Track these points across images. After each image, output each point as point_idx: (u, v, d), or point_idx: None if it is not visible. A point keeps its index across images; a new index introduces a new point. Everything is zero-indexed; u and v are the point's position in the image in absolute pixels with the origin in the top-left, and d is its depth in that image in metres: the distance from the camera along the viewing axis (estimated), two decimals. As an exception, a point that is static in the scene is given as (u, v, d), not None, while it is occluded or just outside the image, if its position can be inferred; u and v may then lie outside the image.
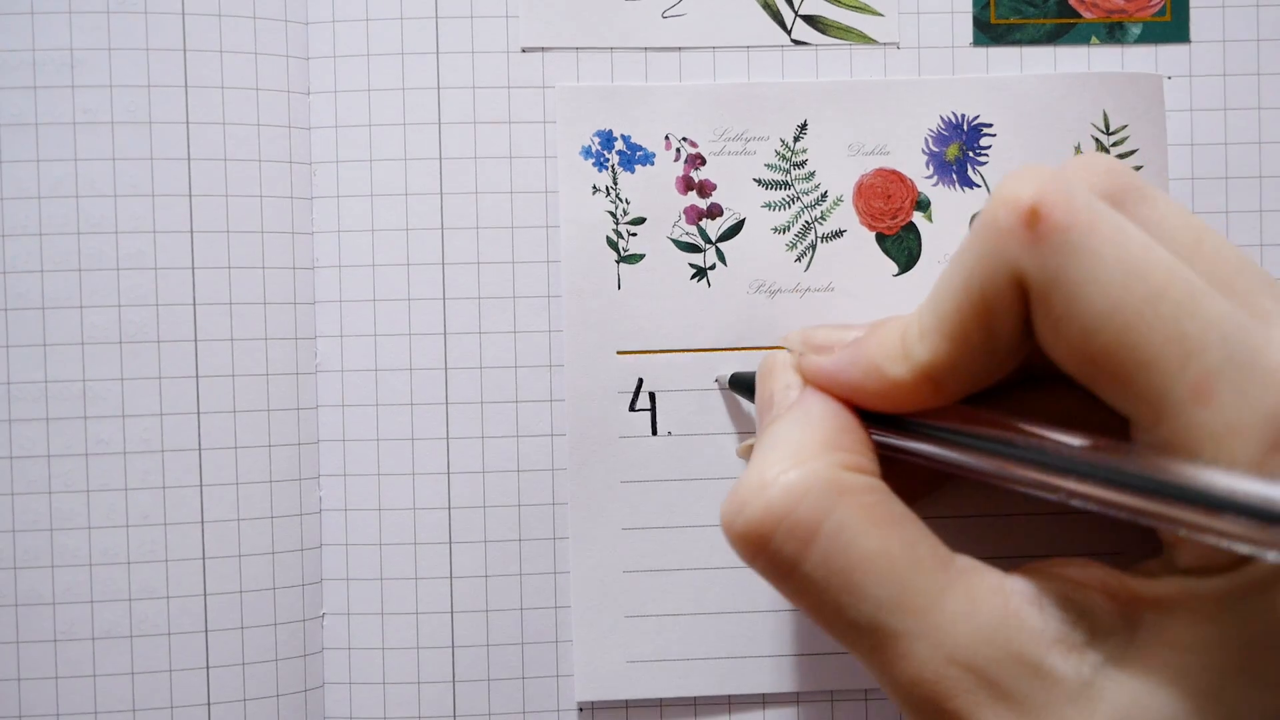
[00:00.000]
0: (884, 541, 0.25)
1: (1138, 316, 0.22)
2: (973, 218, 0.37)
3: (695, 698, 0.37)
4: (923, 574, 0.24)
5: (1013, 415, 0.25)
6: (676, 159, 0.37)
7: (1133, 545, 0.28)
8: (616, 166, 0.36)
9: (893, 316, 0.27)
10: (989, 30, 0.37)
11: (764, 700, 0.37)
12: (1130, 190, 0.25)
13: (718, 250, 0.37)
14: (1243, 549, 0.21)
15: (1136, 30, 0.38)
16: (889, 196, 0.37)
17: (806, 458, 0.25)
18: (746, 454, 0.35)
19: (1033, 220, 0.23)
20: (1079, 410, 0.27)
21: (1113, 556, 0.26)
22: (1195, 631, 0.23)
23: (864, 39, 0.37)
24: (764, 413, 0.30)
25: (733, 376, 0.36)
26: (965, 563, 0.25)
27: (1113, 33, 0.38)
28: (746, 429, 0.36)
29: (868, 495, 0.25)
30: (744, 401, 0.36)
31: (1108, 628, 0.24)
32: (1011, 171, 0.24)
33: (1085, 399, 0.25)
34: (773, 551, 0.25)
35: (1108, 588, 0.24)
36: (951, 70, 0.37)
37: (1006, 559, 0.26)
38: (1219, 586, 0.23)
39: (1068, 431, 0.24)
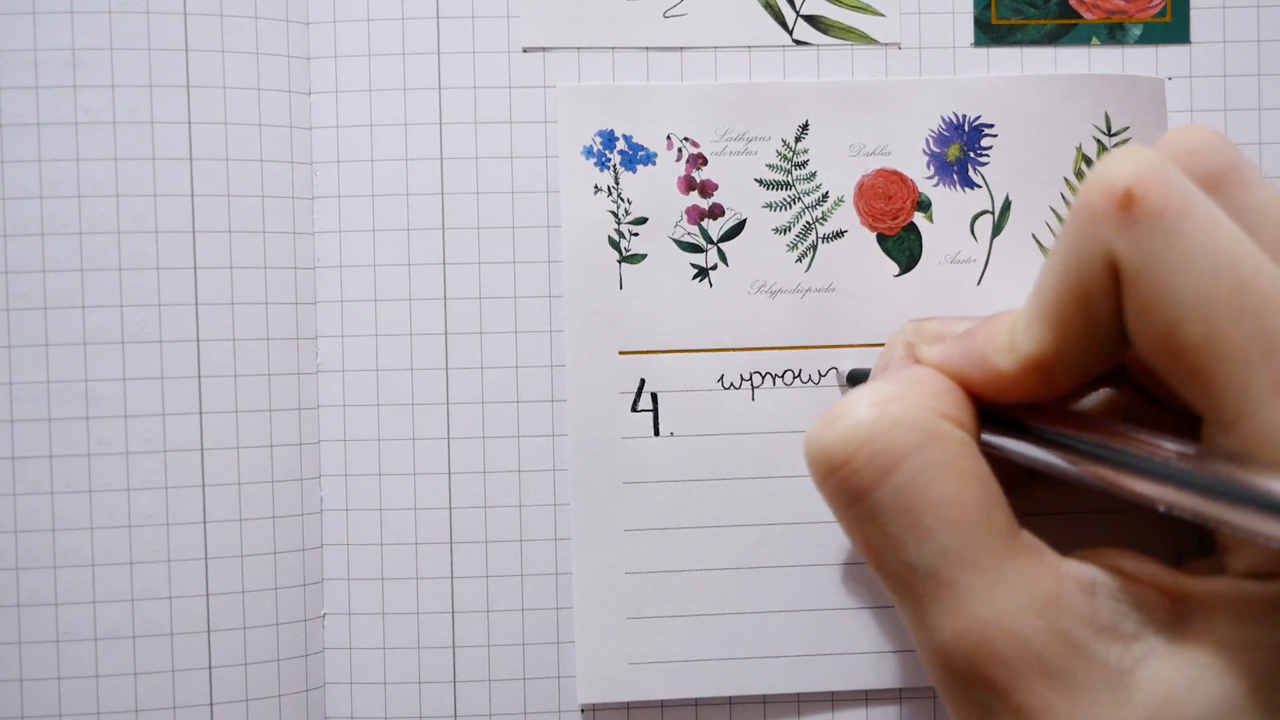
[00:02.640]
0: (962, 491, 0.25)
1: (1223, 308, 0.22)
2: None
3: (696, 699, 0.37)
4: (992, 534, 0.24)
5: (1117, 421, 0.25)
6: (678, 159, 0.37)
7: (1186, 544, 0.28)
8: (618, 166, 0.36)
9: (1006, 310, 0.27)
10: (990, 31, 0.38)
11: (764, 701, 0.37)
12: (1229, 172, 0.25)
13: (719, 250, 0.37)
14: None
15: (1137, 31, 0.38)
16: (890, 197, 0.37)
17: (907, 396, 0.26)
18: None
19: (1127, 203, 0.23)
20: (1139, 410, 0.27)
21: (1162, 551, 0.26)
22: (1242, 632, 0.23)
23: (865, 39, 0.37)
24: (876, 377, 0.30)
25: (853, 372, 0.36)
26: (1029, 538, 0.25)
27: (1113, 33, 0.38)
28: (750, 430, 0.36)
29: (958, 445, 0.25)
30: None
31: (1155, 621, 0.24)
32: (1110, 152, 0.24)
33: (1141, 399, 0.25)
34: (850, 472, 0.25)
35: (1159, 583, 0.24)
36: (953, 71, 0.37)
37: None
38: (1272, 591, 0.23)
39: (1170, 438, 0.24)
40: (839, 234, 0.37)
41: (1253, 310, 0.22)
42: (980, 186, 0.37)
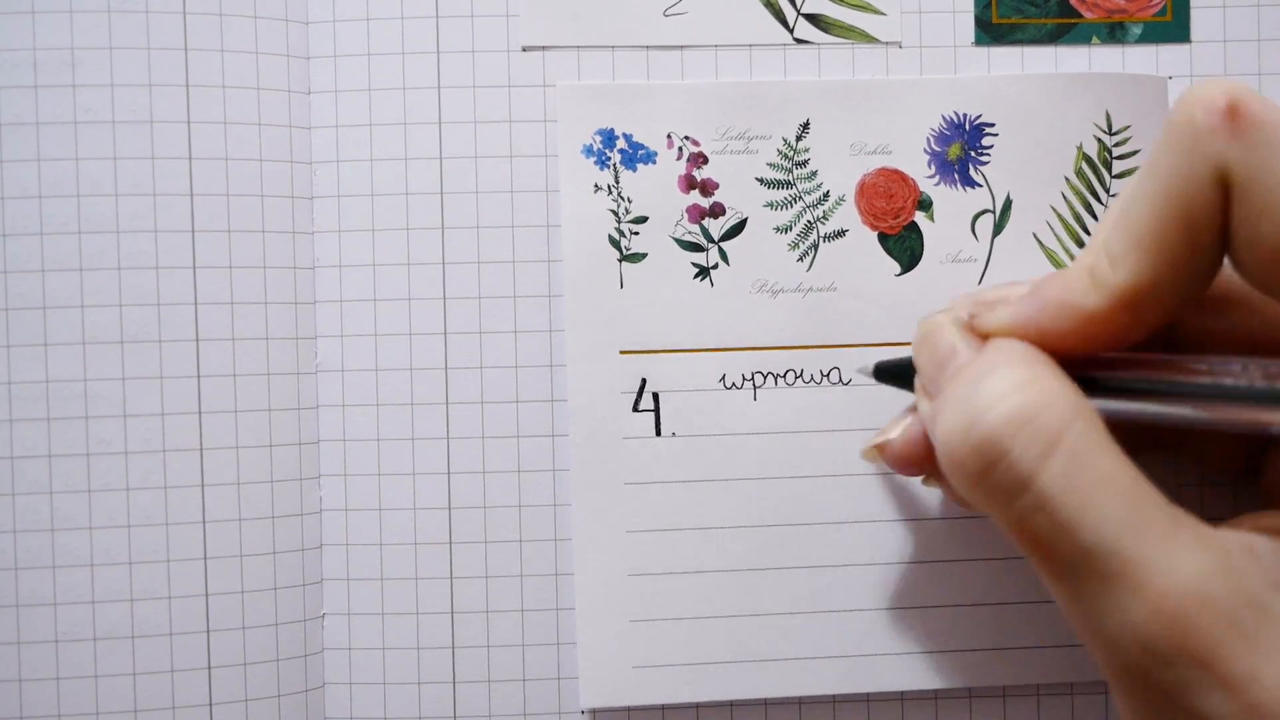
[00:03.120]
0: (1120, 462, 0.24)
1: None
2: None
3: (698, 703, 0.36)
4: (1157, 504, 0.24)
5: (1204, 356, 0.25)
6: (679, 158, 0.37)
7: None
8: (618, 165, 0.36)
9: (1064, 267, 0.27)
10: (990, 30, 0.37)
11: (766, 705, 0.37)
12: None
13: (720, 250, 0.37)
14: None
15: (1137, 30, 0.38)
16: (891, 196, 0.37)
17: (1041, 374, 0.25)
18: (873, 455, 0.34)
19: (1233, 114, 0.23)
20: None
21: None
22: None
23: (866, 38, 0.37)
24: (941, 369, 0.29)
25: (880, 364, 0.35)
26: (1178, 509, 0.24)
27: (1114, 32, 0.38)
28: (752, 430, 0.36)
29: (1099, 417, 0.25)
30: (897, 392, 0.35)
31: None
32: (1192, 85, 0.24)
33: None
34: (1011, 463, 0.24)
35: None
36: (953, 70, 0.37)
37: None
38: None
39: (1258, 360, 0.24)
40: (840, 233, 0.37)
41: None
42: (981, 186, 0.37)
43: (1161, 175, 0.24)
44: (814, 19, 0.37)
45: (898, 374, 0.34)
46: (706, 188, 0.37)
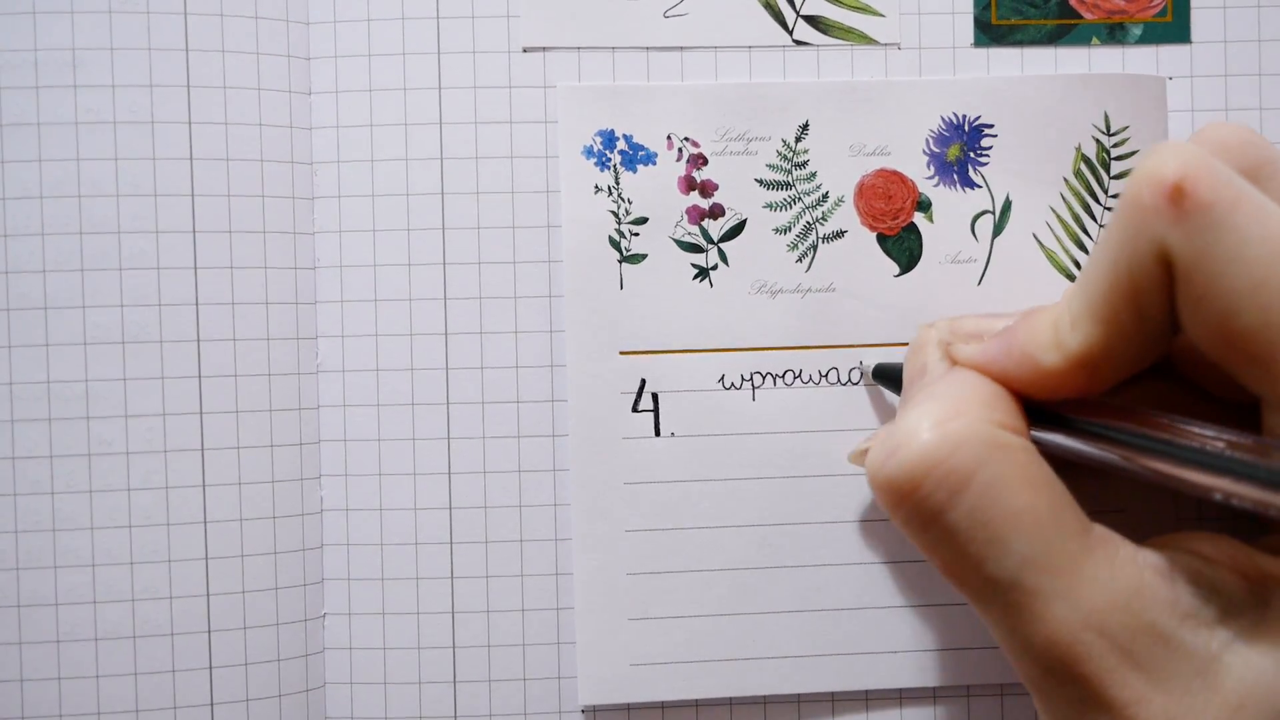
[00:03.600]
0: (1033, 499, 0.25)
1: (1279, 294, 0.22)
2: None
3: (697, 700, 0.37)
4: (1066, 536, 0.25)
5: (1164, 412, 0.25)
6: (679, 159, 0.37)
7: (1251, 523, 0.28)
8: (618, 166, 0.36)
9: (1042, 306, 0.27)
10: (990, 31, 0.38)
11: (765, 702, 0.37)
12: (1265, 165, 0.25)
13: (720, 250, 0.37)
14: None
15: (1137, 31, 0.38)
16: (890, 197, 0.37)
17: (964, 411, 0.26)
18: (859, 460, 0.34)
19: (1177, 197, 0.23)
20: (1181, 401, 0.27)
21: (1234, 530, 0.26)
22: None
23: (865, 39, 0.37)
24: (914, 382, 0.30)
25: (878, 367, 0.36)
26: (1102, 532, 0.25)
27: (1114, 33, 0.38)
28: (751, 430, 0.36)
29: (1020, 454, 0.25)
30: (888, 394, 0.36)
31: (1237, 605, 0.24)
32: (1153, 147, 0.24)
33: (1183, 389, 0.25)
34: (920, 498, 0.25)
35: (1237, 564, 0.25)
36: (952, 71, 0.37)
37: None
38: None
39: (1220, 429, 0.24)
40: (839, 234, 0.37)
41: None
42: (980, 186, 0.37)
43: (1111, 248, 0.24)
44: (813, 20, 0.37)
45: (892, 378, 0.35)
46: (706, 189, 0.37)
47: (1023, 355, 0.26)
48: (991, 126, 0.37)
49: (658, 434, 0.36)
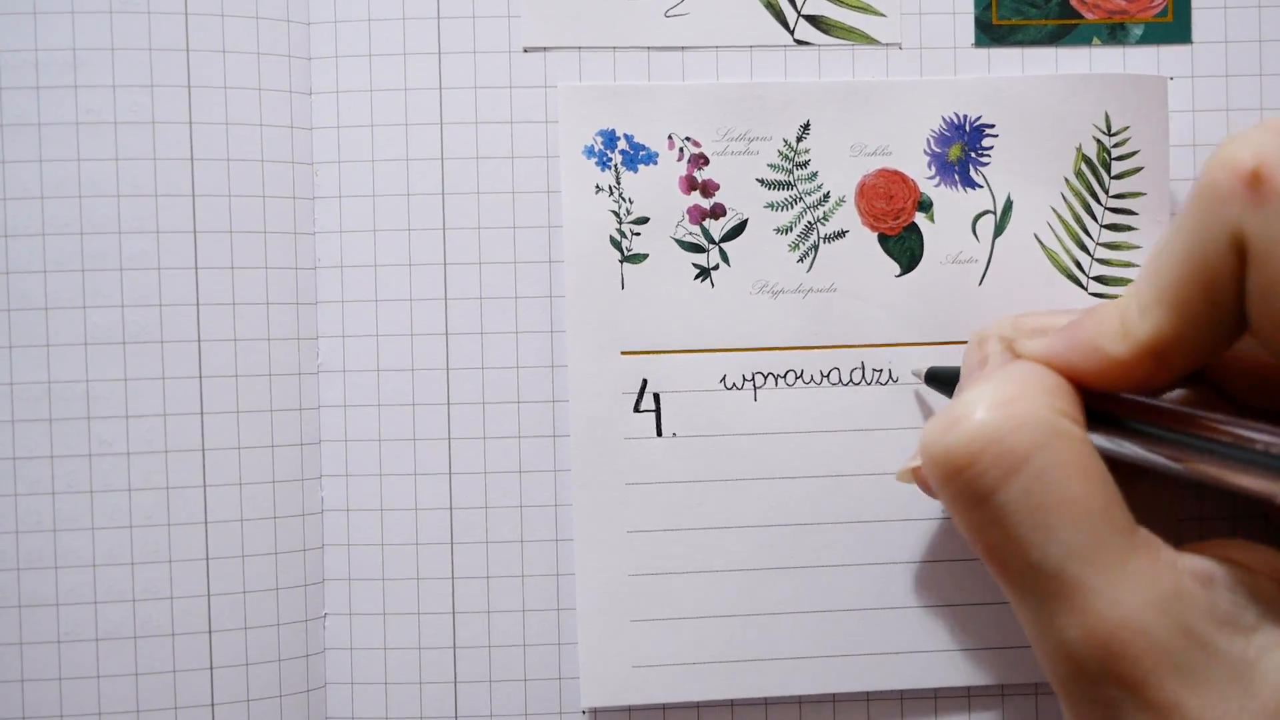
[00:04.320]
0: (1087, 490, 0.25)
1: None
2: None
3: (699, 702, 0.37)
4: (1115, 532, 0.24)
5: (1221, 415, 0.25)
6: (680, 159, 0.37)
7: None
8: (619, 166, 0.36)
9: (1107, 300, 0.27)
10: (991, 31, 0.38)
11: (766, 704, 0.37)
12: None
13: (721, 250, 0.37)
14: None
15: (1138, 31, 0.38)
16: (891, 197, 0.37)
17: (1026, 395, 0.25)
18: (907, 478, 0.34)
19: (1255, 182, 0.23)
20: (1214, 409, 0.27)
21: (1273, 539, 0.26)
22: None
23: (866, 39, 0.37)
24: (972, 374, 0.30)
25: (931, 370, 0.36)
26: (1146, 534, 0.25)
27: (1114, 34, 0.38)
28: (752, 430, 0.36)
29: (1079, 444, 0.25)
30: (940, 397, 0.36)
31: (1274, 611, 0.24)
32: (1230, 135, 0.24)
33: (1217, 398, 0.25)
34: (974, 475, 0.25)
35: (1275, 572, 0.24)
36: (953, 71, 0.37)
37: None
38: None
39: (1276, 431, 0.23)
40: (840, 234, 0.37)
41: None
42: (981, 186, 0.37)
43: (1185, 233, 0.24)
44: (814, 20, 0.37)
45: (945, 381, 0.35)
46: (707, 189, 0.37)
47: (1089, 346, 0.26)
48: (992, 126, 0.37)
49: (659, 434, 0.36)
